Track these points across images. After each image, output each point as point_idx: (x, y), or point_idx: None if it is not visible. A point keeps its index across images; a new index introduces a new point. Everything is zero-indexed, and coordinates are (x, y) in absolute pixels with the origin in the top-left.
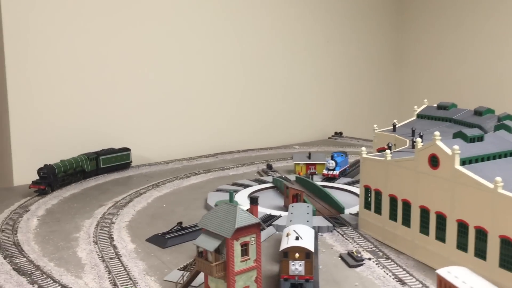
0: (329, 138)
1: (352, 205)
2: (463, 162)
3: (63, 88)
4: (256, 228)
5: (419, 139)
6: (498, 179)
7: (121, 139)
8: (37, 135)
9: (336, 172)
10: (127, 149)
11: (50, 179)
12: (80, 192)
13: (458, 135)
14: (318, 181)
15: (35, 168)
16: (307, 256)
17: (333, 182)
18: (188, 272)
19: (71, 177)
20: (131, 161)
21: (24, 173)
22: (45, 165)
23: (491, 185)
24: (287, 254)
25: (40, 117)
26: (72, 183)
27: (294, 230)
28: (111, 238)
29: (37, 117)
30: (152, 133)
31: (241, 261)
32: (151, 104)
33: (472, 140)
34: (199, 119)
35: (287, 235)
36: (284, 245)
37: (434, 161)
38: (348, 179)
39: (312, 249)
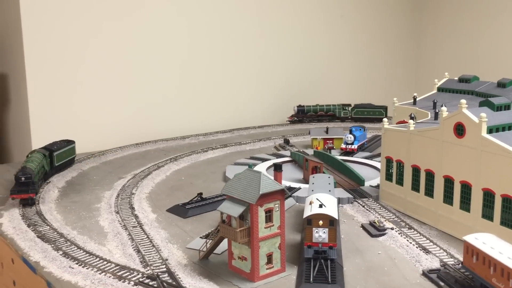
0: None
1: (372, 178)
2: (490, 130)
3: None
4: (280, 194)
5: (444, 108)
6: None
7: (137, 114)
8: (54, 108)
9: (355, 146)
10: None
11: None
12: (98, 165)
13: (484, 103)
14: (336, 155)
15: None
16: (331, 223)
17: (352, 156)
18: (211, 240)
19: None
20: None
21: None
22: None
23: None
24: (311, 222)
25: (58, 94)
26: None
27: (317, 199)
28: (132, 208)
29: (55, 96)
30: (169, 108)
31: (265, 228)
32: (167, 80)
33: (499, 108)
34: (215, 95)
35: (310, 203)
36: (307, 213)
37: (460, 130)
38: (367, 153)
39: (336, 216)
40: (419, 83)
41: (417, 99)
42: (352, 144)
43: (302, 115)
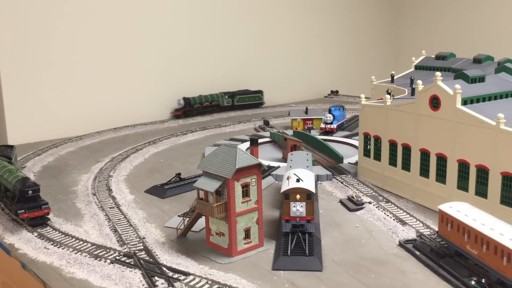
0: (325, 96)
1: (350, 156)
2: (465, 102)
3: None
4: (257, 169)
5: (419, 81)
6: (501, 115)
7: (115, 99)
8: (30, 95)
9: (334, 126)
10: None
11: None
12: (75, 150)
13: (459, 76)
14: (316, 135)
15: (29, 127)
16: (308, 197)
17: (331, 136)
18: (188, 218)
19: None
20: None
21: (19, 132)
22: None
23: (493, 122)
24: (288, 196)
25: (32, 79)
26: None
27: (294, 174)
28: (110, 190)
29: (29, 80)
30: (147, 93)
31: (242, 202)
32: (144, 64)
33: (473, 80)
34: (194, 79)
35: (288, 178)
36: (285, 188)
37: (435, 102)
38: (346, 133)
39: (313, 190)
40: (399, 62)
41: (394, 77)
42: (331, 123)
43: (190, 107)
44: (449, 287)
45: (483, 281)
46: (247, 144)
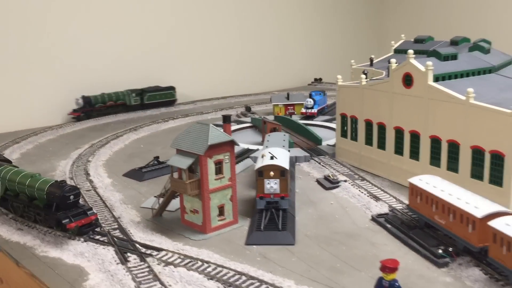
0: (309, 84)
1: (330, 139)
2: (437, 79)
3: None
4: (230, 146)
5: (393, 60)
6: (470, 90)
7: (95, 86)
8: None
9: (315, 110)
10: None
11: None
12: (56, 138)
13: (432, 54)
14: (297, 119)
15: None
16: (282, 174)
17: (312, 120)
18: (163, 197)
19: None
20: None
21: None
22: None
23: (463, 97)
24: (262, 173)
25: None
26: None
27: (269, 152)
28: (87, 174)
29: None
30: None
31: (216, 179)
32: (126, 51)
33: (446, 58)
34: (177, 67)
35: (262, 156)
36: (259, 165)
37: (408, 80)
38: (327, 117)
39: (287, 167)
40: (383, 47)
41: (374, 61)
42: (312, 108)
43: (90, 107)
44: (417, 257)
45: (450, 250)
46: None
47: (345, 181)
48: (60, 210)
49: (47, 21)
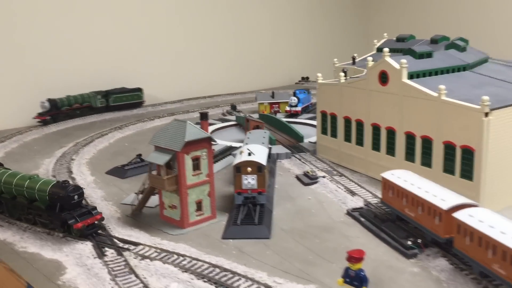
0: (296, 83)
1: (312, 136)
2: (411, 76)
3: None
4: (207, 143)
5: (370, 58)
6: (442, 87)
7: (85, 85)
8: None
9: (299, 108)
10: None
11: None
12: (41, 136)
13: (407, 52)
14: (281, 118)
15: None
16: (259, 170)
17: (296, 118)
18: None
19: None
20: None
21: None
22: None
23: (435, 94)
24: (240, 169)
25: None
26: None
27: (247, 148)
28: (70, 172)
29: None
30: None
31: (193, 175)
32: (115, 50)
33: (421, 56)
34: (163, 65)
35: (241, 153)
36: (236, 161)
37: (383, 78)
38: (311, 115)
39: (264, 163)
40: (370, 46)
41: (356, 60)
42: (296, 106)
43: (57, 110)
44: (388, 248)
45: (419, 241)
46: (212, 127)
47: (324, 177)
48: (64, 211)
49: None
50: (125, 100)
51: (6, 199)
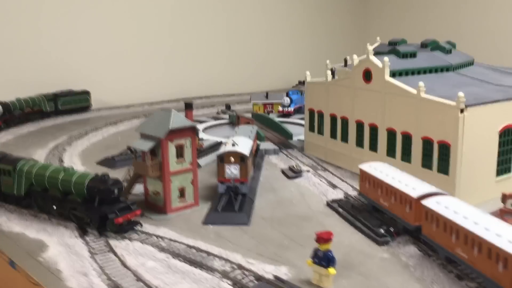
0: (293, 86)
1: (302, 134)
2: (393, 74)
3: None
4: (191, 132)
5: (355, 56)
6: (421, 84)
7: (81, 82)
8: None
9: (291, 109)
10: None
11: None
12: (37, 130)
13: (391, 51)
14: (274, 118)
15: None
16: (242, 159)
17: (288, 118)
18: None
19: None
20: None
21: None
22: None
23: (414, 91)
24: (223, 159)
25: None
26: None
27: (232, 140)
28: (61, 161)
29: None
30: (114, 77)
31: (177, 163)
32: (114, 48)
33: (404, 56)
34: (162, 64)
35: (225, 144)
36: (220, 152)
37: (367, 75)
38: (303, 115)
39: (247, 154)
40: (365, 49)
41: (348, 62)
42: (288, 106)
43: (10, 115)
44: (362, 236)
45: (391, 230)
46: (205, 124)
47: (308, 171)
48: (103, 205)
49: None
50: (73, 103)
51: (37, 192)
